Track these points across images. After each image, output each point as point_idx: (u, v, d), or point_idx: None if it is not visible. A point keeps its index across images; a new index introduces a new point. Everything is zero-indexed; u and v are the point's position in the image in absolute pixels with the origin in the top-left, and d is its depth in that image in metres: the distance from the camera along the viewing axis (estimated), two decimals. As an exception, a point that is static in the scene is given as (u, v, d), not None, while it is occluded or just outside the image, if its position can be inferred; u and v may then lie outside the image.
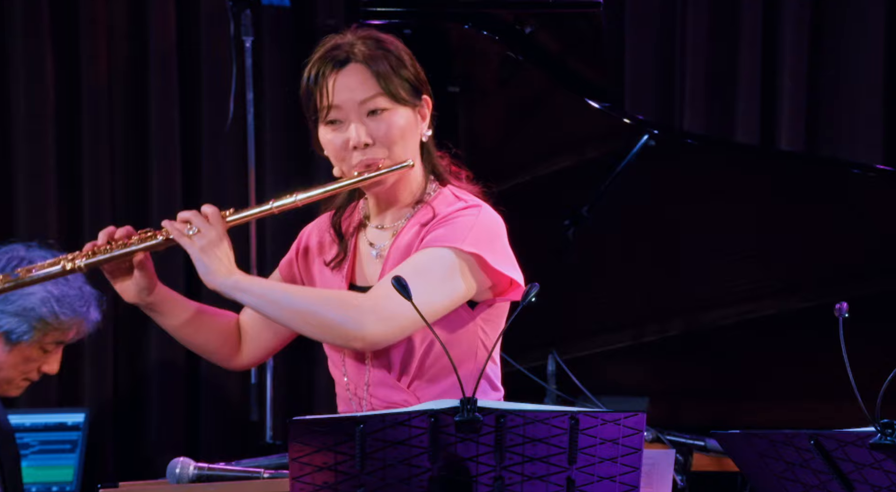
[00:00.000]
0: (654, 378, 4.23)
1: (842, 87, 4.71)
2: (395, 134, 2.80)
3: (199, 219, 2.81)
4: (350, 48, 2.81)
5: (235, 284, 2.77)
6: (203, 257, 2.78)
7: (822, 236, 4.04)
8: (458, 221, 2.78)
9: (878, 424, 2.37)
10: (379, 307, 2.70)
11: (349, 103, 2.79)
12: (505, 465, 2.46)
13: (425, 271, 2.72)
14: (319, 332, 2.75)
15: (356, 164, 2.80)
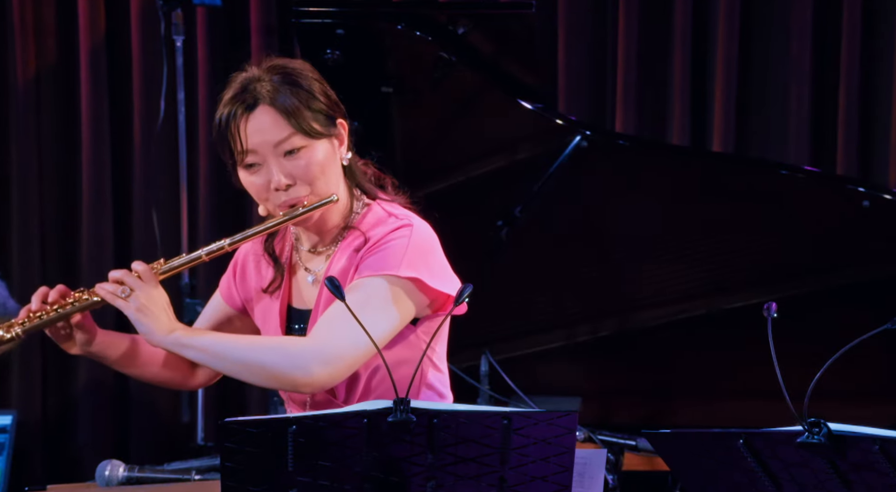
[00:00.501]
0: (586, 378, 4.25)
1: (771, 89, 4.76)
2: (315, 170, 2.79)
3: (130, 278, 2.80)
4: (258, 88, 2.79)
5: (176, 341, 2.78)
6: (141, 318, 2.78)
7: (751, 237, 4.08)
8: (391, 245, 2.78)
9: (806, 423, 2.40)
10: (323, 350, 2.71)
11: (264, 147, 2.77)
12: (438, 465, 2.46)
13: (365, 304, 2.71)
14: (266, 381, 2.77)
15: (280, 204, 2.80)
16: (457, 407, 2.51)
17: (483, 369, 4.10)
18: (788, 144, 4.72)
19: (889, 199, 4.02)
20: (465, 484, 2.47)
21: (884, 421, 3.95)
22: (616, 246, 4.14)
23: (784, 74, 4.72)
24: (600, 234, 4.14)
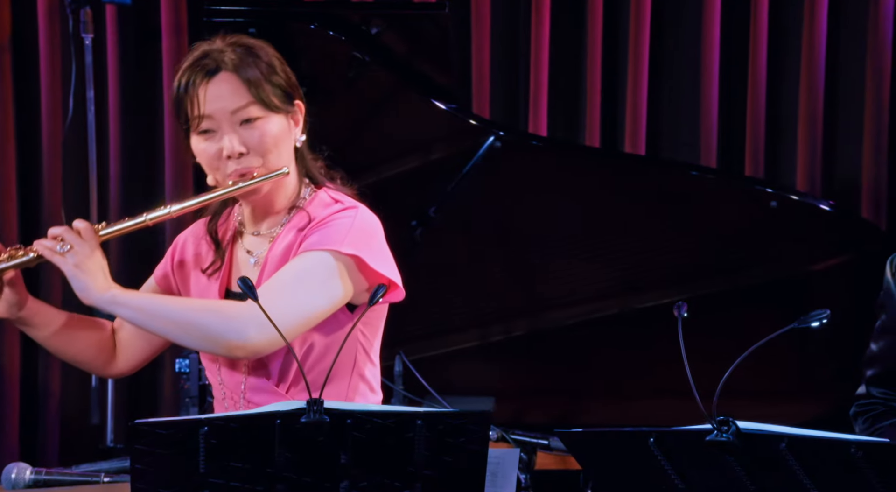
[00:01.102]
0: (500, 378, 4.27)
1: (681, 91, 4.81)
2: (269, 142, 2.79)
3: (70, 235, 2.76)
4: (220, 56, 2.79)
5: (112, 299, 2.74)
6: (78, 274, 2.74)
7: (662, 237, 4.12)
8: (336, 222, 2.78)
9: (715, 421, 2.42)
10: (261, 315, 2.66)
11: (221, 113, 2.77)
12: (351, 465, 2.45)
13: (305, 276, 2.72)
14: (200, 342, 2.74)
15: (230, 173, 2.79)
16: (370, 407, 2.51)
17: (397, 370, 4.10)
18: (698, 145, 4.78)
19: (796, 199, 4.08)
20: (379, 485, 2.46)
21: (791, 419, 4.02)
22: (530, 246, 4.16)
23: (693, 76, 4.78)
24: (514, 234, 4.16)
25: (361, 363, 2.83)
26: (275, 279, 2.74)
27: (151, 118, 4.92)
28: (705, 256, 4.10)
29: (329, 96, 4.08)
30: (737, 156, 4.79)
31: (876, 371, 3.07)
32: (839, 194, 4.69)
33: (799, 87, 4.72)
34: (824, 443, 2.37)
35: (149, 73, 4.90)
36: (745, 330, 3.95)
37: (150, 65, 4.90)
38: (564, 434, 2.61)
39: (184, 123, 2.81)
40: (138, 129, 4.89)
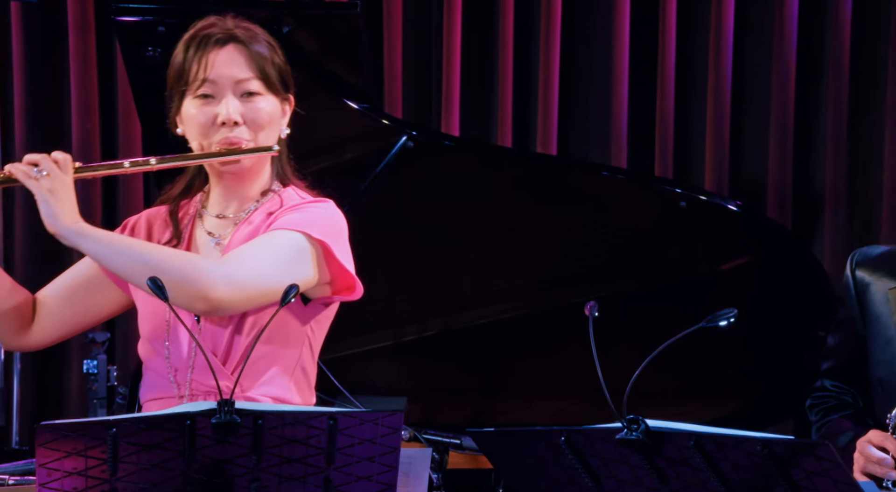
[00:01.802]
0: (412, 377, 4.27)
1: (592, 91, 4.85)
2: (264, 119, 2.82)
3: (48, 163, 2.73)
4: (231, 29, 2.84)
5: (80, 230, 2.71)
6: (50, 200, 2.70)
7: (573, 237, 4.14)
8: (309, 209, 2.81)
9: (625, 420, 2.44)
10: (229, 272, 2.69)
11: (225, 80, 2.81)
12: (262, 467, 2.44)
13: (274, 249, 2.73)
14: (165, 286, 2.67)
15: (219, 140, 2.80)
16: (282, 408, 2.50)
17: (308, 370, 4.08)
18: (608, 145, 4.81)
19: (704, 200, 4.13)
20: (290, 485, 2.46)
21: (700, 417, 4.07)
22: (442, 246, 4.17)
23: (603, 76, 4.81)
24: (427, 234, 4.16)
25: (305, 359, 2.84)
26: (243, 247, 2.75)
27: (58, 116, 4.87)
28: (616, 255, 4.13)
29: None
30: (646, 156, 4.83)
31: (831, 365, 3.11)
32: (746, 195, 4.76)
33: (707, 89, 4.78)
34: (731, 440, 2.40)
35: (55, 71, 4.84)
36: (655, 329, 3.99)
37: (56, 63, 4.84)
38: (476, 434, 2.62)
39: (181, 86, 2.81)
40: (44, 127, 4.83)
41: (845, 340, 3.08)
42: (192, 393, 2.80)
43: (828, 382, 3.10)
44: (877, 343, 2.99)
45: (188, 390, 2.80)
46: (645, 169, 4.81)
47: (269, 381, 2.79)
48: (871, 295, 3.01)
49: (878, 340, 2.99)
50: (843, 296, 3.07)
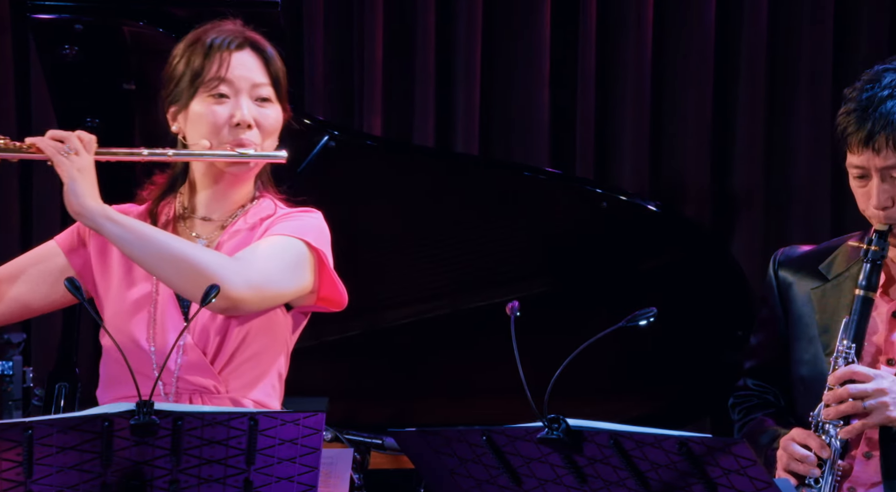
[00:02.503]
0: (334, 378, 4.26)
1: (513, 92, 4.87)
2: (273, 126, 2.86)
3: (76, 142, 2.74)
4: (244, 34, 2.88)
5: (104, 212, 2.72)
6: (78, 178, 2.71)
7: (495, 237, 4.16)
8: (305, 218, 2.85)
9: (546, 419, 2.46)
10: (249, 273, 2.71)
11: (242, 82, 2.84)
12: (181, 468, 2.43)
13: (281, 254, 2.77)
14: (186, 278, 2.70)
15: (231, 140, 2.83)
16: (202, 408, 2.49)
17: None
18: (530, 145, 4.84)
19: (625, 200, 4.16)
20: (210, 487, 2.44)
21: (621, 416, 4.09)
22: (364, 246, 4.16)
23: (525, 77, 4.83)
24: (348, 234, 4.14)
25: (282, 366, 2.88)
26: (254, 249, 2.77)
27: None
28: (537, 255, 4.15)
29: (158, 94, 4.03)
30: (567, 157, 4.86)
31: (753, 364, 3.14)
32: (665, 195, 4.80)
33: (627, 91, 4.81)
34: (650, 439, 2.42)
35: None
36: (577, 329, 4.01)
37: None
38: (398, 433, 2.62)
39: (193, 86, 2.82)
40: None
41: (768, 340, 3.11)
42: (178, 392, 2.80)
43: (750, 381, 3.14)
44: (799, 342, 3.03)
45: (174, 389, 2.80)
46: (566, 169, 4.84)
47: (251, 384, 2.82)
48: (794, 295, 3.04)
49: (801, 339, 3.02)
50: (766, 295, 3.10)
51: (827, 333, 2.97)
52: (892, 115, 2.85)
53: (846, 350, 2.90)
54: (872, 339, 2.95)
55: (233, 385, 2.80)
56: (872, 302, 2.92)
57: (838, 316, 2.94)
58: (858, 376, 2.88)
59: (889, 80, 2.89)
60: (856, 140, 2.89)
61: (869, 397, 2.87)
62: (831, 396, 2.89)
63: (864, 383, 2.88)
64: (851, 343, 2.90)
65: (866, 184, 2.92)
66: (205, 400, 2.78)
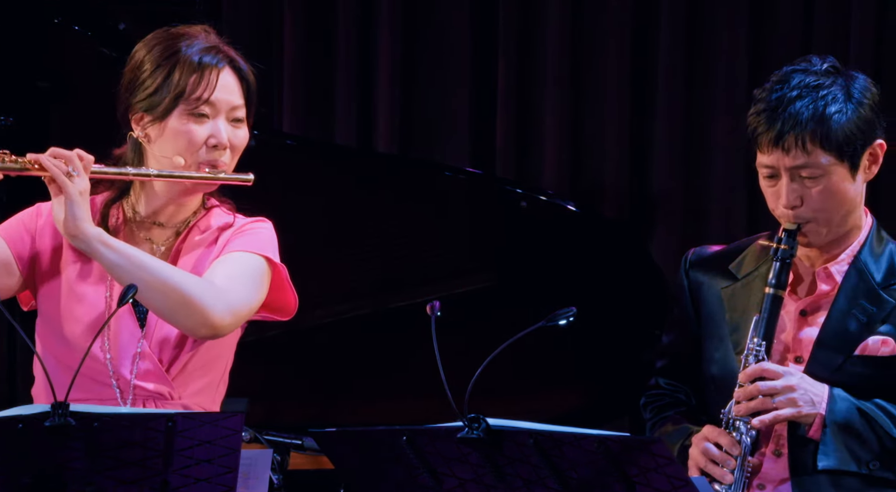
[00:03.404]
0: (253, 379, 4.23)
1: (434, 91, 4.87)
2: (242, 145, 2.89)
3: (78, 163, 2.75)
4: (226, 52, 2.88)
5: (100, 236, 2.72)
6: (80, 202, 2.72)
7: (416, 236, 4.16)
8: (260, 232, 2.89)
9: (466, 418, 2.46)
10: (230, 300, 2.75)
11: (223, 104, 2.86)
12: (98, 470, 2.40)
13: (251, 273, 2.81)
14: (171, 307, 2.73)
15: (205, 160, 2.85)
16: (119, 410, 2.47)
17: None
18: (451, 145, 4.84)
19: (544, 200, 4.18)
20: (127, 488, 2.42)
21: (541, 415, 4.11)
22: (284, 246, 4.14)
23: (445, 77, 4.84)
24: (268, 233, 4.13)
25: (225, 376, 2.94)
26: (222, 272, 2.79)
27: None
28: (458, 255, 4.16)
29: (75, 92, 3.99)
30: (488, 156, 4.87)
31: (665, 363, 3.16)
32: (585, 195, 4.83)
33: (547, 92, 4.84)
34: (568, 438, 2.43)
35: None
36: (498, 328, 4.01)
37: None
38: (318, 434, 2.62)
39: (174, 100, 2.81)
40: None
41: (679, 339, 3.14)
42: (136, 397, 2.82)
43: (662, 380, 3.16)
44: (710, 342, 3.06)
45: (131, 395, 2.81)
46: (486, 169, 4.85)
47: (201, 390, 2.86)
48: (705, 294, 3.07)
49: (712, 338, 3.05)
50: (677, 295, 3.13)
51: (737, 332, 3.00)
52: (800, 115, 2.90)
53: (756, 348, 2.93)
54: (781, 337, 2.99)
55: (185, 392, 2.84)
56: (782, 300, 2.96)
57: (748, 315, 2.98)
58: (768, 372, 2.92)
59: (798, 81, 2.93)
60: (766, 140, 2.93)
61: (778, 394, 2.90)
62: (742, 393, 2.92)
63: (773, 379, 2.91)
64: (762, 341, 2.94)
65: (776, 183, 2.96)
66: (158, 406, 2.81)
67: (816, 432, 2.91)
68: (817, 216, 2.94)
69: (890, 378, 2.95)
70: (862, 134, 2.93)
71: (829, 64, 2.96)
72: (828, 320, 2.97)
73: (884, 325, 2.95)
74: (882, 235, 3.03)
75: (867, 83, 2.97)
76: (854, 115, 2.92)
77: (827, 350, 2.96)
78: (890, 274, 2.98)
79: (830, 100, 2.91)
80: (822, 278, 3.00)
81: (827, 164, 2.91)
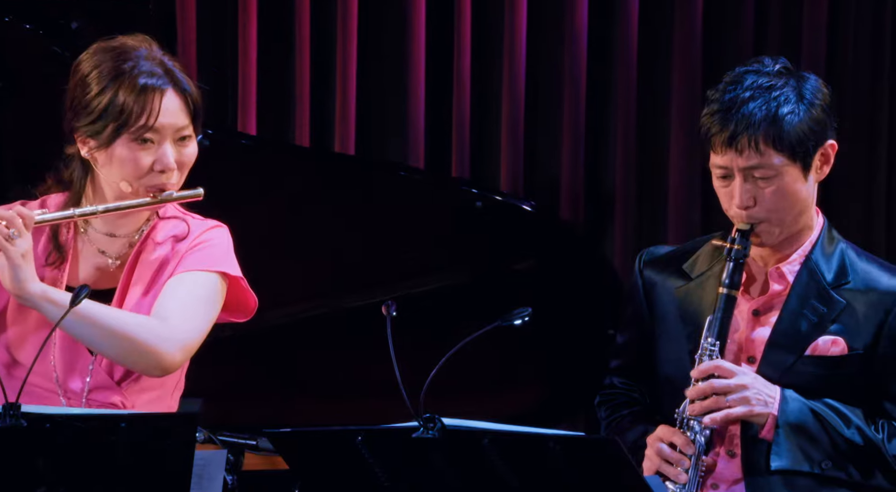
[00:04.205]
0: (207, 379, 4.21)
1: (389, 90, 4.87)
2: (192, 160, 2.89)
3: (18, 222, 2.71)
4: (168, 71, 2.84)
5: (45, 295, 2.71)
6: (23, 265, 2.70)
7: (372, 236, 4.15)
8: (216, 242, 2.88)
9: (421, 418, 2.46)
10: (182, 338, 2.77)
11: (168, 129, 2.83)
12: (50, 471, 2.39)
13: (205, 295, 2.81)
14: (124, 354, 2.73)
15: (152, 185, 2.83)
16: (72, 411, 2.46)
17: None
18: (407, 145, 4.84)
19: (499, 200, 4.18)
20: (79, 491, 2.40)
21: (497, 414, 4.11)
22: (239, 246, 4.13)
23: (401, 77, 4.83)
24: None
25: (181, 382, 2.94)
26: (176, 299, 2.79)
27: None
28: (413, 255, 4.15)
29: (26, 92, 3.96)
30: (444, 156, 4.87)
31: (619, 362, 3.17)
32: (540, 195, 4.84)
33: (501, 90, 4.84)
34: (524, 437, 2.44)
35: None
36: (454, 328, 4.02)
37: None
38: (273, 434, 2.61)
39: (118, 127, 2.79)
40: None
41: (633, 339, 3.15)
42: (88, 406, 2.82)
43: (617, 379, 3.17)
44: (664, 341, 3.07)
45: (83, 405, 2.81)
46: (442, 169, 4.85)
47: (156, 400, 2.86)
48: (659, 294, 3.09)
49: (666, 338, 3.06)
50: (632, 295, 3.14)
51: (691, 332, 3.02)
52: (753, 116, 2.91)
53: (710, 347, 2.95)
54: (734, 337, 3.01)
55: (138, 401, 2.84)
56: (735, 300, 2.97)
57: (702, 315, 2.99)
58: (721, 370, 2.94)
59: (750, 81, 2.95)
60: (719, 141, 2.94)
61: (731, 392, 2.92)
62: (695, 391, 2.94)
63: (727, 378, 2.93)
64: (716, 341, 2.95)
65: (729, 184, 2.97)
66: None
67: (769, 433, 2.93)
68: (770, 216, 2.96)
69: (840, 378, 2.97)
70: (814, 134, 2.95)
71: (781, 65, 2.98)
72: (779, 321, 2.98)
73: (834, 325, 2.97)
74: (833, 234, 3.05)
75: (819, 84, 2.99)
76: (806, 115, 2.94)
77: (778, 350, 2.98)
78: (841, 274, 3.00)
79: (783, 101, 2.93)
80: (775, 278, 3.02)
81: (780, 164, 2.93)
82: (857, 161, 4.80)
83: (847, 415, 2.94)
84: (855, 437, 2.92)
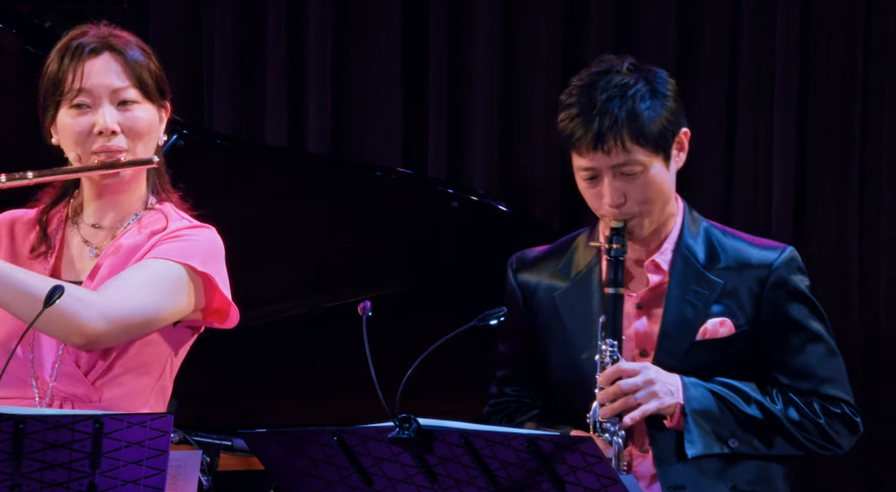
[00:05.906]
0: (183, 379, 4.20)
1: (364, 90, 4.87)
2: (142, 128, 2.82)
3: None
4: (105, 37, 2.82)
5: None
6: None
7: (348, 237, 4.15)
8: (191, 237, 2.82)
9: (397, 418, 2.46)
10: (108, 307, 2.69)
11: (101, 89, 2.79)
12: (23, 472, 2.37)
13: (155, 281, 2.74)
14: (44, 320, 2.64)
15: (96, 149, 2.79)
16: (45, 411, 2.45)
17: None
18: (382, 146, 4.84)
19: (475, 200, 4.19)
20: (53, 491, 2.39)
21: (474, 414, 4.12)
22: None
23: (376, 77, 4.83)
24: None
25: (166, 379, 2.88)
26: (123, 277, 2.74)
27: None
28: (389, 255, 4.16)
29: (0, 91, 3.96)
30: (419, 157, 4.88)
31: (506, 372, 3.20)
32: (516, 195, 4.85)
33: (478, 91, 4.85)
34: (499, 437, 2.44)
35: None
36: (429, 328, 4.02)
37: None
38: (248, 434, 2.61)
39: (56, 97, 2.78)
40: None
41: (517, 347, 3.18)
42: (53, 396, 2.78)
43: (506, 388, 3.21)
44: (551, 347, 3.10)
45: (49, 395, 2.78)
46: (418, 169, 4.85)
47: (130, 395, 2.81)
48: (539, 300, 3.12)
49: (553, 343, 3.10)
50: (509, 303, 3.15)
51: (580, 335, 3.05)
52: (615, 115, 2.98)
53: (610, 348, 2.99)
54: (626, 333, 3.04)
55: (108, 395, 2.80)
56: (623, 298, 3.01)
57: (588, 316, 3.03)
58: (625, 372, 2.98)
59: (605, 82, 3.01)
60: (584, 143, 3.00)
61: (640, 390, 2.96)
62: (604, 395, 2.98)
63: (632, 377, 2.97)
64: (614, 341, 2.99)
65: (597, 184, 3.02)
66: (76, 407, 2.78)
67: (679, 423, 2.97)
68: (641, 210, 3.02)
69: (732, 356, 3.03)
70: (671, 125, 3.03)
71: (629, 62, 3.04)
72: (666, 311, 3.04)
73: (717, 305, 3.03)
74: (695, 215, 3.12)
75: (666, 76, 3.07)
76: (662, 108, 3.01)
77: (671, 340, 3.03)
78: (711, 253, 3.06)
79: (640, 97, 2.99)
80: (651, 270, 3.07)
81: (645, 158, 2.99)
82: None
83: (745, 391, 3.00)
84: (756, 412, 2.99)
